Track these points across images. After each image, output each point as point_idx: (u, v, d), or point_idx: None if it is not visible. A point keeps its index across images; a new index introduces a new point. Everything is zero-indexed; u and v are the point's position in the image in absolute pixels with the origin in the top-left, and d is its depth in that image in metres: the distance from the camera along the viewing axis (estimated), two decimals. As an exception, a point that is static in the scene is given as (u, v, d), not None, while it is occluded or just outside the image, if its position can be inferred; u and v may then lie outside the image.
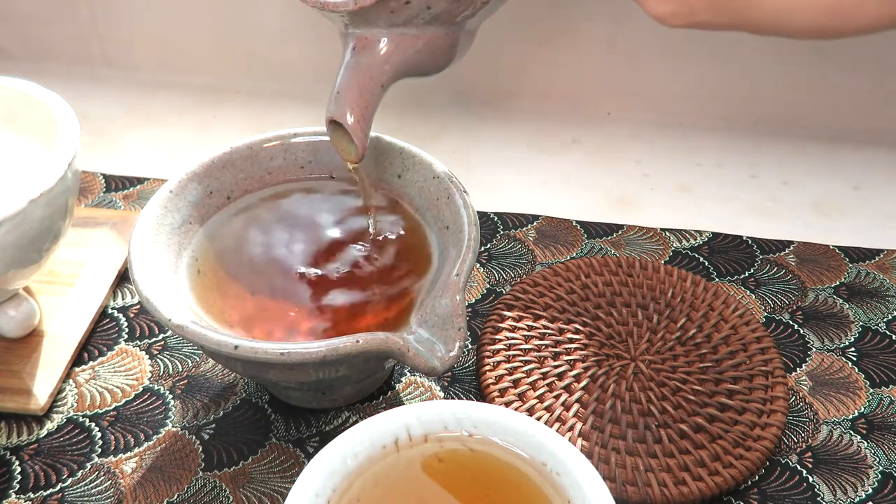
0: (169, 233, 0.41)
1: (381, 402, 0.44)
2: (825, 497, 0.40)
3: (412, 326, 0.36)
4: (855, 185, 0.59)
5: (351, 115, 0.39)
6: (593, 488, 0.29)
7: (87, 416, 0.43)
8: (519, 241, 0.54)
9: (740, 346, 0.45)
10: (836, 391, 0.45)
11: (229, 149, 0.44)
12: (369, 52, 0.39)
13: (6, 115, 0.45)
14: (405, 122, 0.65)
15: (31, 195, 0.37)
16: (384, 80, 0.40)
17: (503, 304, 0.48)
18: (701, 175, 0.61)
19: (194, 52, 0.68)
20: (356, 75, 0.39)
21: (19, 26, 0.68)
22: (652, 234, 0.54)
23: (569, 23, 0.62)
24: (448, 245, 0.40)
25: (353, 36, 0.39)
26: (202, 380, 0.45)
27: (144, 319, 0.48)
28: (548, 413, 0.42)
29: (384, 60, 0.39)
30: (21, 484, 0.40)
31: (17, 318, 0.44)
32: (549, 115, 0.65)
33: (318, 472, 0.30)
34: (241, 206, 0.44)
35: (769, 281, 0.51)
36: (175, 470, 0.40)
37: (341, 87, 0.40)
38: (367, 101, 0.40)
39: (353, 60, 0.39)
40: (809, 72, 0.61)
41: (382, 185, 0.45)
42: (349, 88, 0.39)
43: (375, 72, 0.39)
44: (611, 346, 0.45)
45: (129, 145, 0.63)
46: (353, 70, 0.39)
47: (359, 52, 0.39)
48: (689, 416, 0.42)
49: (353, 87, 0.39)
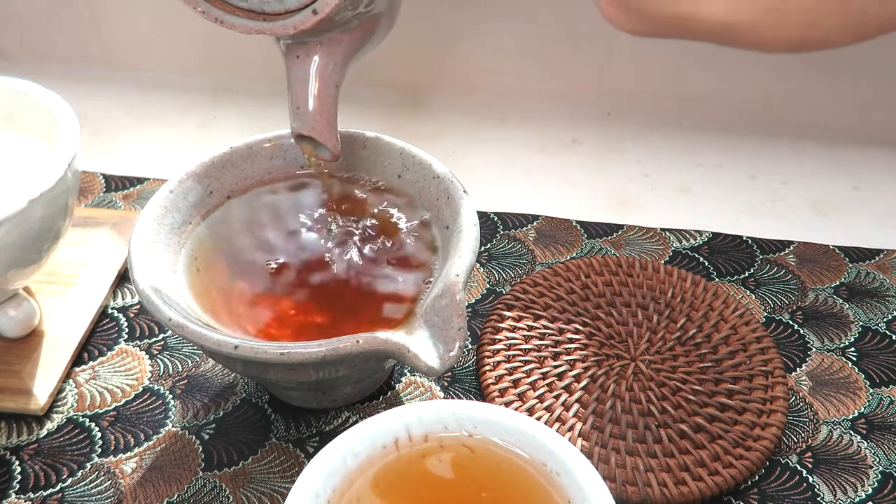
0: (169, 233, 0.41)
1: (381, 402, 0.44)
2: (825, 497, 0.40)
3: (412, 326, 0.36)
4: (855, 185, 0.60)
5: (318, 126, 0.39)
6: (593, 488, 0.29)
7: (87, 416, 0.43)
8: (519, 241, 0.54)
9: (740, 346, 0.45)
10: (836, 391, 0.45)
11: (229, 149, 0.44)
12: (314, 58, 0.39)
13: (6, 115, 0.45)
14: (405, 122, 0.65)
15: (31, 195, 0.37)
16: (337, 80, 0.40)
17: (503, 304, 0.48)
18: (701, 175, 0.61)
19: (194, 52, 0.68)
20: (310, 85, 0.39)
21: (19, 26, 0.68)
22: (652, 234, 0.55)
23: (569, 22, 0.62)
24: (448, 245, 0.40)
25: (294, 46, 0.39)
26: (202, 380, 0.45)
27: (144, 319, 0.48)
28: (548, 413, 0.42)
29: (331, 61, 0.39)
30: (21, 484, 0.40)
31: (17, 318, 0.44)
32: (549, 115, 0.65)
33: (318, 472, 0.30)
34: (240, 206, 0.44)
35: (769, 281, 0.51)
36: (175, 470, 0.40)
37: (300, 101, 0.39)
38: (328, 108, 0.40)
39: (301, 71, 0.39)
40: (809, 72, 0.61)
41: (382, 185, 0.45)
42: (308, 100, 0.39)
43: (327, 76, 0.39)
44: (611, 346, 0.45)
45: (129, 145, 0.63)
46: (305, 80, 0.39)
47: (303, 62, 0.39)
48: (689, 416, 0.42)
49: (311, 99, 0.39)
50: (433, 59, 0.66)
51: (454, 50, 0.65)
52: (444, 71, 0.66)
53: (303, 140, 0.41)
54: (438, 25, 0.64)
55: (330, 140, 0.40)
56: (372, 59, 0.66)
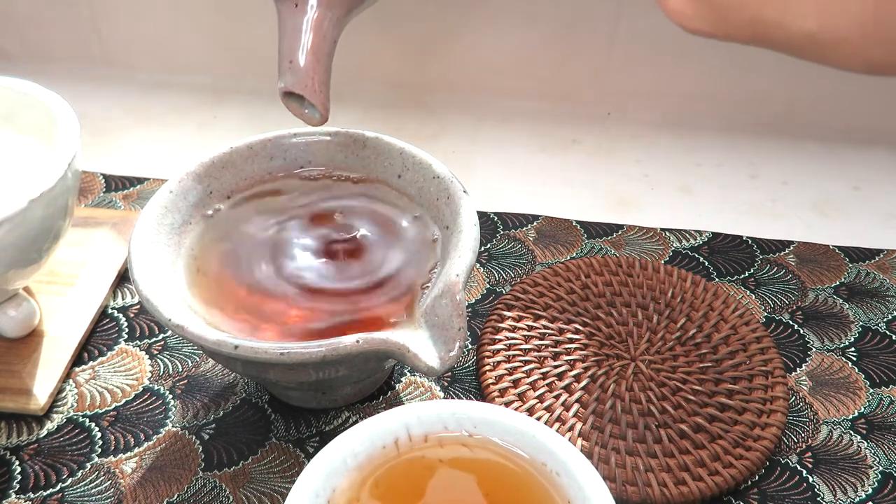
0: (169, 233, 0.41)
1: (381, 402, 0.44)
2: (825, 497, 0.40)
3: (412, 326, 0.36)
4: (855, 185, 0.60)
5: (312, 85, 0.36)
6: (593, 488, 0.29)
7: (87, 416, 0.43)
8: (519, 241, 0.54)
9: (740, 346, 0.45)
10: (836, 391, 0.45)
11: (229, 149, 0.44)
12: (314, 9, 0.35)
13: (6, 115, 0.45)
14: (405, 122, 0.65)
15: (31, 195, 0.37)
16: (336, 35, 0.36)
17: (503, 304, 0.48)
18: (701, 175, 0.61)
19: (194, 52, 0.68)
20: (307, 39, 0.35)
21: (19, 26, 0.68)
22: (652, 234, 0.55)
23: (569, 22, 0.62)
24: (448, 245, 0.40)
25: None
26: (202, 380, 0.45)
27: (144, 319, 0.48)
28: (548, 413, 0.42)
29: (332, 14, 0.35)
30: (21, 484, 0.40)
31: (17, 318, 0.44)
32: (549, 115, 0.65)
33: (318, 472, 0.30)
34: (240, 206, 0.44)
35: (769, 281, 0.51)
36: (175, 470, 0.40)
37: (293, 54, 0.35)
38: (324, 65, 0.36)
39: (298, 21, 0.35)
40: (809, 72, 0.60)
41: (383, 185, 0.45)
42: (303, 55, 0.35)
43: (326, 28, 0.35)
44: (611, 346, 0.45)
45: (129, 145, 0.63)
46: (302, 32, 0.35)
47: (301, 11, 0.35)
48: (689, 416, 0.42)
49: (307, 54, 0.35)
50: (433, 59, 0.66)
51: (455, 50, 0.65)
52: (444, 71, 0.66)
53: (290, 98, 0.38)
54: (439, 25, 0.64)
55: (322, 101, 0.37)
56: (372, 59, 0.66)
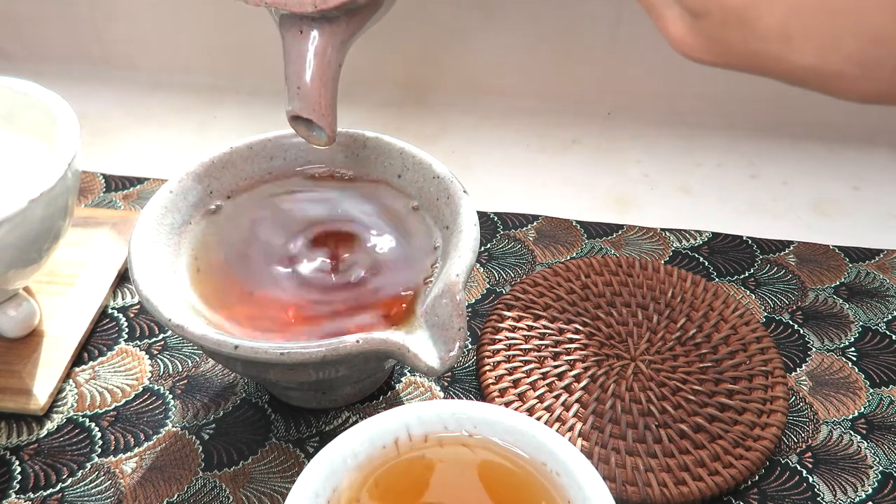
0: (169, 233, 0.41)
1: (381, 402, 0.44)
2: (825, 497, 0.40)
3: (412, 326, 0.36)
4: (855, 185, 0.59)
5: (320, 109, 0.38)
6: (593, 488, 0.29)
7: (87, 416, 0.43)
8: (519, 241, 0.54)
9: (740, 346, 0.45)
10: (836, 391, 0.45)
11: (229, 149, 0.44)
12: (319, 35, 0.36)
13: (6, 115, 0.45)
14: (405, 122, 0.65)
15: (31, 195, 0.37)
16: (341, 59, 0.37)
17: (503, 304, 0.48)
18: (701, 175, 0.61)
19: (194, 52, 0.68)
20: (314, 64, 0.37)
21: (19, 26, 0.68)
22: (652, 234, 0.55)
23: (569, 22, 0.62)
24: (448, 245, 0.40)
25: (294, 20, 0.36)
26: (202, 380, 0.45)
27: (144, 319, 0.48)
28: (548, 413, 0.42)
29: (336, 39, 0.36)
30: (21, 484, 0.40)
31: (17, 318, 0.44)
32: (549, 115, 0.65)
33: (318, 472, 0.30)
34: (240, 206, 0.44)
35: (769, 281, 0.51)
36: (175, 470, 0.40)
37: (300, 80, 0.37)
38: (330, 90, 0.37)
39: (303, 48, 0.36)
40: (809, 72, 0.60)
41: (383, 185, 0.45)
42: (310, 80, 0.37)
43: (331, 54, 0.37)
44: (611, 346, 0.45)
45: (129, 145, 0.63)
46: (308, 59, 0.37)
47: (306, 38, 0.36)
48: (689, 416, 0.42)
49: (315, 79, 0.37)
50: (434, 58, 0.66)
51: (455, 50, 0.65)
52: (444, 71, 0.66)
53: (298, 121, 0.40)
54: (439, 25, 0.64)
55: (330, 123, 0.38)
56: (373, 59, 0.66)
